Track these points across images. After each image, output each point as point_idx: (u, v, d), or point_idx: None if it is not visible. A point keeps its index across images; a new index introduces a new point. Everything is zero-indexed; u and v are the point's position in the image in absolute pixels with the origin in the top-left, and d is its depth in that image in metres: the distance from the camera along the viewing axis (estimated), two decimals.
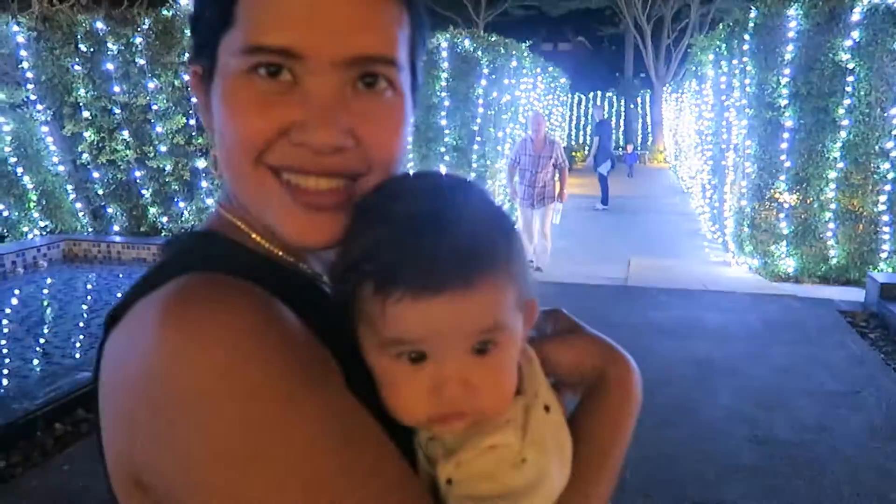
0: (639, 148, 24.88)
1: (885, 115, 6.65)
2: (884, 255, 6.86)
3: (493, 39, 9.66)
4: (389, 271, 0.57)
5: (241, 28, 0.62)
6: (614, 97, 26.79)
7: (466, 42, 8.86)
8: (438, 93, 8.66)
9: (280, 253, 0.69)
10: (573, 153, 20.83)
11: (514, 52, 10.39)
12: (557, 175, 7.54)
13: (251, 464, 0.52)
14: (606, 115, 15.33)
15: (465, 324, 0.58)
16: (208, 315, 0.55)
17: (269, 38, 0.60)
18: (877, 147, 6.74)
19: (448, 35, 8.78)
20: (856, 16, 6.55)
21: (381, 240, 0.59)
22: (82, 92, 8.26)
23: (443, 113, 8.74)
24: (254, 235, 0.69)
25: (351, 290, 0.60)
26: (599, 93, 26.36)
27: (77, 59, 8.21)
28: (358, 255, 0.60)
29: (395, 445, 0.58)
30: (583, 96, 25.79)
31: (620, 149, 21.94)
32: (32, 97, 8.33)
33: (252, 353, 0.54)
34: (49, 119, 8.39)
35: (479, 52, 8.96)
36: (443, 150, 8.81)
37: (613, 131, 13.67)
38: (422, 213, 0.59)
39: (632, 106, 26.70)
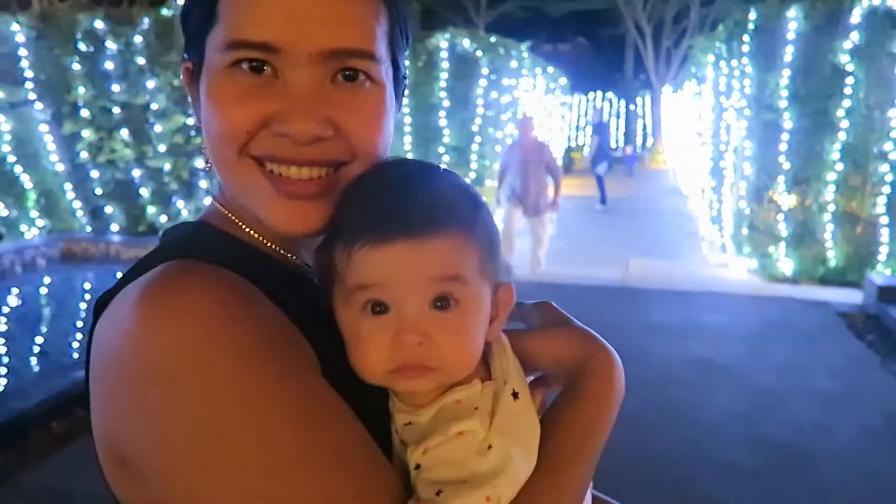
0: (639, 149, 24.90)
1: (884, 117, 6.65)
2: (882, 258, 6.86)
3: (493, 40, 9.66)
4: (354, 225, 0.62)
5: (224, 25, 0.64)
6: (614, 98, 26.79)
7: (466, 42, 8.86)
8: (438, 93, 8.66)
9: (270, 244, 0.72)
10: (572, 154, 20.82)
11: (513, 53, 10.38)
12: (551, 180, 7.20)
13: (216, 443, 0.54)
14: (605, 118, 15.50)
15: (422, 270, 0.61)
16: (182, 299, 0.57)
17: (249, 33, 0.63)
18: (875, 149, 6.74)
19: (448, 36, 8.78)
20: (855, 18, 6.55)
21: (350, 205, 0.64)
22: (81, 91, 8.26)
23: (442, 113, 8.74)
24: (244, 226, 0.71)
25: (326, 256, 0.64)
26: (600, 93, 26.35)
27: (76, 59, 8.22)
28: (333, 223, 0.65)
29: (375, 436, 0.60)
30: (583, 97, 25.78)
31: (619, 149, 22.00)
32: (32, 96, 8.33)
33: (223, 336, 0.56)
34: (48, 118, 8.39)
35: (479, 53, 8.96)
36: (442, 150, 8.81)
37: (612, 133, 13.83)
38: (388, 180, 0.65)
39: (632, 107, 26.70)
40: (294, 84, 0.63)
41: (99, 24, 8.13)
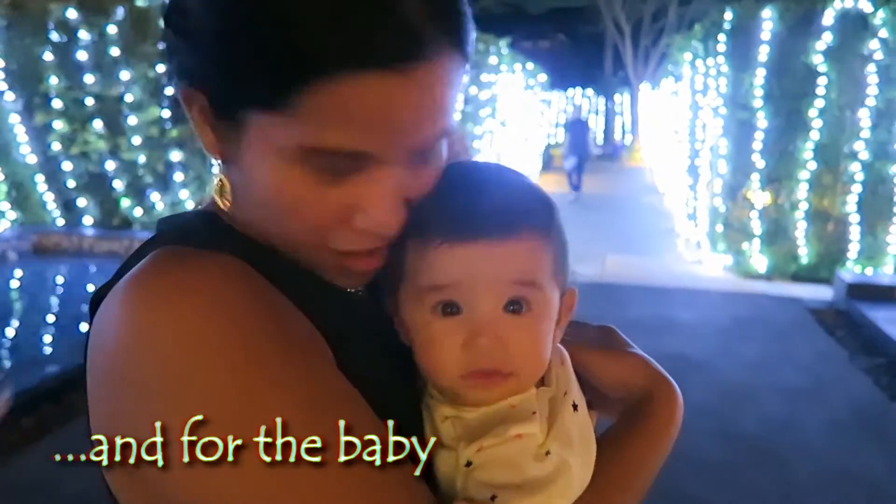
0: (618, 146, 25.30)
1: (855, 117, 6.77)
2: (852, 255, 6.99)
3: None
4: (431, 222, 0.60)
5: (300, 122, 0.54)
6: (594, 95, 26.95)
7: None
8: None
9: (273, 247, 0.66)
10: (551, 151, 20.93)
11: (493, 49, 10.40)
12: None
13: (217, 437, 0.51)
14: (582, 116, 15.91)
15: (499, 273, 0.60)
16: (176, 285, 0.55)
17: (341, 142, 0.55)
18: (846, 149, 6.87)
19: None
20: (827, 20, 6.66)
21: (424, 206, 0.62)
22: (54, 81, 8.11)
23: None
24: (249, 233, 0.65)
25: (396, 255, 0.63)
26: (579, 90, 26.48)
27: (48, 48, 8.07)
28: (407, 222, 0.62)
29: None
30: (562, 93, 25.89)
31: (606, 145, 22.49)
32: (2, 86, 8.16)
33: (223, 323, 0.53)
34: (19, 109, 8.23)
35: None
36: None
37: (587, 130, 14.20)
38: (462, 180, 0.64)
39: (610, 105, 26.88)
40: (379, 179, 0.59)
41: (72, 14, 7.98)
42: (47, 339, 5.26)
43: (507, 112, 12.09)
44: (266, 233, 0.63)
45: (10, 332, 5.44)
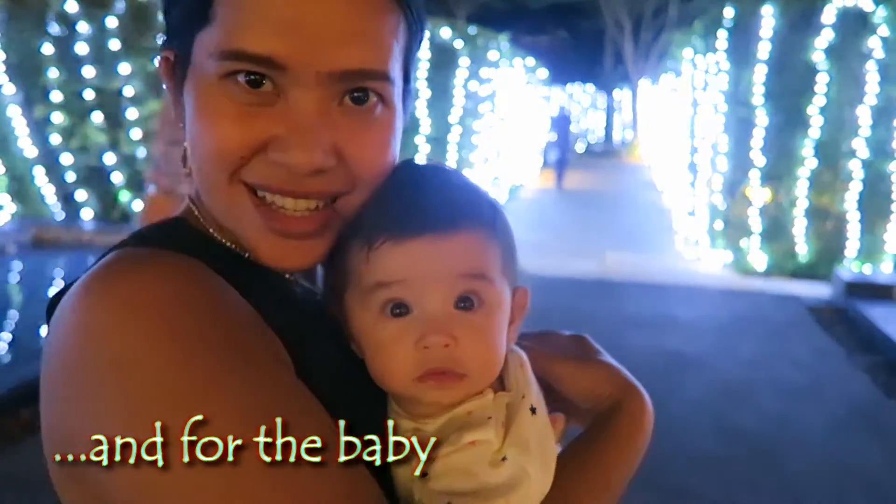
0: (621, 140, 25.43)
1: (854, 115, 6.77)
2: (850, 253, 7.00)
3: (472, 31, 9.65)
4: (374, 223, 0.59)
5: (220, 28, 0.57)
6: (594, 91, 26.95)
7: (446, 33, 8.84)
8: (416, 83, 8.64)
9: (246, 254, 0.65)
10: (550, 151, 20.92)
11: (493, 44, 10.38)
12: None
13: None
14: (565, 112, 17.60)
15: (446, 267, 0.59)
16: (129, 285, 0.54)
17: (251, 43, 0.55)
18: (845, 147, 6.87)
19: (427, 25, 8.75)
20: (828, 17, 6.66)
21: (367, 206, 0.61)
22: (53, 74, 8.09)
23: (421, 104, 8.72)
24: (218, 236, 0.65)
25: (341, 259, 0.61)
26: (579, 85, 26.47)
27: (48, 41, 8.04)
28: (350, 225, 0.62)
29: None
30: (561, 89, 25.87)
31: (598, 143, 22.60)
32: (2, 79, 8.14)
33: (175, 324, 0.52)
34: (19, 102, 8.21)
35: (459, 44, 8.94)
36: (420, 140, 8.80)
37: (569, 125, 15.38)
38: (404, 180, 0.62)
39: (610, 101, 26.88)
40: (297, 106, 0.57)
41: (71, 7, 7.96)
42: (46, 332, 5.26)
43: (506, 108, 12.08)
44: (210, 207, 0.64)
45: (9, 324, 5.45)
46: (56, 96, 8.15)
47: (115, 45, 7.93)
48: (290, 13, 0.54)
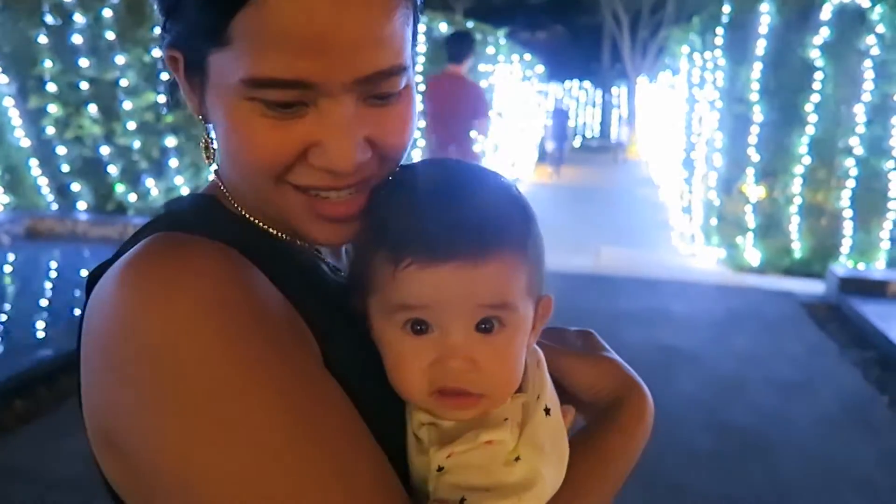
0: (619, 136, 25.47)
1: (850, 112, 6.79)
2: (845, 250, 7.03)
3: (470, 26, 9.63)
4: (401, 239, 0.58)
5: (241, 54, 0.56)
6: (591, 87, 26.92)
7: (443, 27, 8.82)
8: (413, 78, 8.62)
9: (276, 232, 0.68)
10: (546, 142, 20.91)
11: (490, 39, 10.37)
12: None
13: (201, 427, 0.52)
14: (562, 106, 19.32)
15: (471, 297, 0.58)
16: (168, 272, 0.55)
17: (277, 70, 0.55)
18: (841, 144, 6.89)
19: (425, 19, 8.72)
20: (825, 14, 6.66)
21: (396, 211, 0.60)
22: (48, 65, 8.05)
23: (417, 98, 8.70)
24: (246, 214, 0.67)
25: (365, 261, 0.61)
26: (576, 81, 26.44)
27: (43, 31, 7.99)
28: (374, 227, 0.62)
29: (382, 430, 0.58)
30: (559, 85, 25.84)
31: (594, 139, 22.83)
32: None
33: (212, 313, 0.54)
34: (13, 92, 8.17)
35: None
36: (416, 135, 8.78)
37: (566, 118, 17.13)
38: (438, 187, 0.61)
39: (607, 98, 26.86)
40: (330, 113, 0.58)
41: None
42: (40, 323, 5.24)
43: (503, 103, 12.07)
44: (245, 194, 0.66)
45: (2, 315, 5.43)
46: (51, 87, 8.11)
47: (110, 36, 7.88)
48: (311, 32, 0.54)
